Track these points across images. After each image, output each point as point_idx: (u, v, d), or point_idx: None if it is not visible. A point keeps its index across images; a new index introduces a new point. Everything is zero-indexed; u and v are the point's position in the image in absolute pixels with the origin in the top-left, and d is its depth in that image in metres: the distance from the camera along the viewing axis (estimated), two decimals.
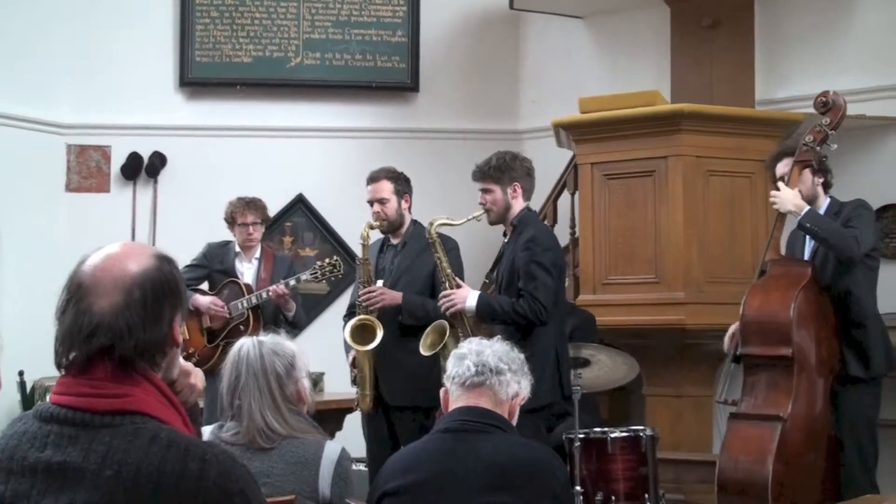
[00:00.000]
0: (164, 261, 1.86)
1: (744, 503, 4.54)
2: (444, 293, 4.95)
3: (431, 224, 5.04)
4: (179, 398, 1.93)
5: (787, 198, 4.79)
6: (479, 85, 8.39)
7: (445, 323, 4.96)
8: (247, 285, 6.10)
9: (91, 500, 1.70)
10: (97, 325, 1.76)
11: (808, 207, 4.75)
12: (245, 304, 6.03)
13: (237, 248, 6.24)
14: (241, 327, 6.03)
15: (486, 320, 4.93)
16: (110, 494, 1.69)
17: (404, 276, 5.41)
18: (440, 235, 5.10)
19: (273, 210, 8.00)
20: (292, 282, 5.99)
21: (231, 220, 6.20)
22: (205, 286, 6.23)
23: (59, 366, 1.81)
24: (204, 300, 6.07)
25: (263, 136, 8.03)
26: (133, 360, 1.78)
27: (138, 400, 1.78)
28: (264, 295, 5.98)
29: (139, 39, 7.99)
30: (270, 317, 6.13)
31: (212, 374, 5.85)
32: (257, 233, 6.20)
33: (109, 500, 1.69)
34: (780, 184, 4.87)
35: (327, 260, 6.04)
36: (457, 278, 5.01)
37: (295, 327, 6.15)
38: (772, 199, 4.86)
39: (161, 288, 1.82)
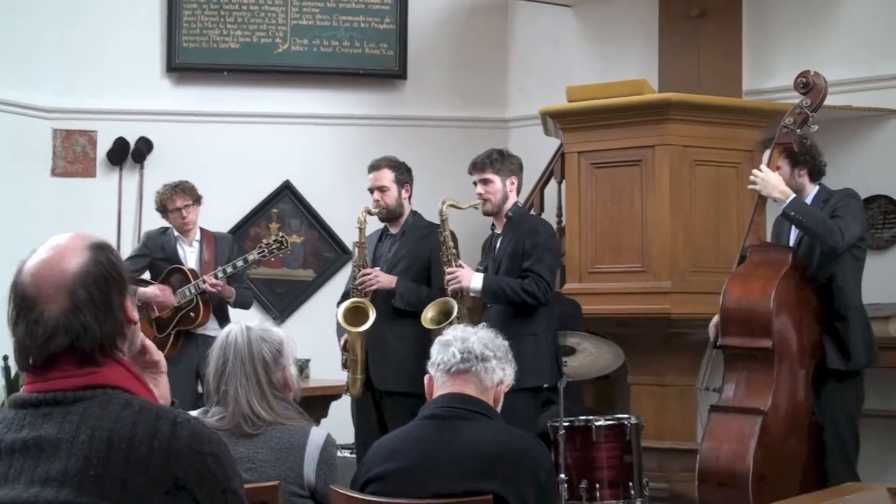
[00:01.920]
0: (99, 249, 1.87)
1: (724, 495, 4.56)
2: (448, 269, 5.03)
3: (443, 203, 5.13)
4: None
5: (773, 183, 4.71)
6: (466, 73, 8.39)
7: (453, 301, 5.00)
8: (191, 271, 6.00)
9: (66, 467, 1.72)
10: (52, 331, 1.79)
11: (793, 195, 4.69)
12: (192, 291, 5.90)
13: (176, 234, 6.12)
14: (192, 314, 5.94)
15: (491, 300, 5.01)
16: (85, 459, 1.72)
17: (401, 263, 5.45)
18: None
19: (259, 196, 8.06)
20: (239, 262, 5.92)
21: (162, 209, 6.09)
22: (147, 275, 6.12)
23: (23, 369, 1.85)
24: (148, 290, 5.90)
25: (250, 123, 8.02)
26: (94, 351, 1.82)
27: (108, 375, 1.82)
28: (201, 285, 5.88)
29: (126, 24, 7.96)
30: (218, 301, 6.05)
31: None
32: (191, 215, 6.06)
33: (85, 465, 1.72)
34: (764, 167, 4.80)
35: (273, 237, 6.00)
36: (459, 261, 5.10)
37: (244, 308, 6.14)
38: (752, 179, 4.78)
39: (103, 279, 1.84)
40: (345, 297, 5.57)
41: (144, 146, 7.91)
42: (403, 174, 5.53)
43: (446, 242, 5.10)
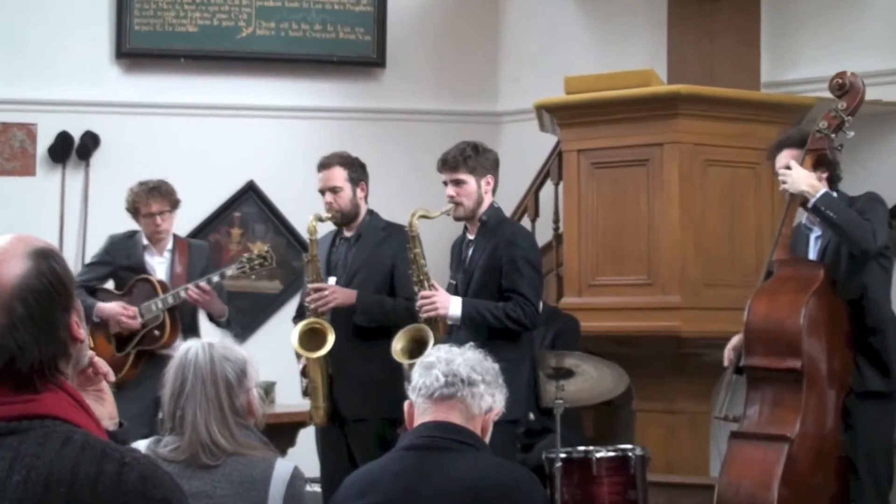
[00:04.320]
0: (42, 258, 1.81)
1: None
2: (423, 294, 4.94)
3: (413, 215, 5.04)
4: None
5: (801, 177, 4.68)
6: (453, 61, 8.41)
7: (428, 328, 4.95)
8: (161, 282, 5.91)
9: None
10: None
11: (824, 189, 4.67)
12: (160, 306, 5.80)
13: (145, 241, 6.02)
14: (156, 332, 5.83)
15: (470, 328, 4.90)
16: (18, 502, 1.69)
17: (360, 272, 5.40)
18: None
19: (221, 198, 8.05)
20: (215, 278, 5.79)
21: (134, 211, 5.98)
22: (110, 285, 6.05)
23: None
24: (110, 308, 5.80)
25: (210, 116, 8.02)
26: (32, 375, 1.77)
27: (47, 404, 1.78)
28: (182, 294, 5.75)
29: (70, 5, 7.95)
30: (189, 319, 5.97)
31: (121, 387, 5.56)
32: (166, 223, 5.97)
33: None
34: (793, 162, 4.81)
35: (256, 251, 5.91)
36: (433, 281, 5.02)
37: (230, 329, 6.10)
38: (781, 178, 4.76)
39: (46, 294, 1.78)
40: (300, 312, 5.54)
41: (90, 141, 7.90)
42: (357, 171, 5.47)
43: (417, 261, 5.00)
